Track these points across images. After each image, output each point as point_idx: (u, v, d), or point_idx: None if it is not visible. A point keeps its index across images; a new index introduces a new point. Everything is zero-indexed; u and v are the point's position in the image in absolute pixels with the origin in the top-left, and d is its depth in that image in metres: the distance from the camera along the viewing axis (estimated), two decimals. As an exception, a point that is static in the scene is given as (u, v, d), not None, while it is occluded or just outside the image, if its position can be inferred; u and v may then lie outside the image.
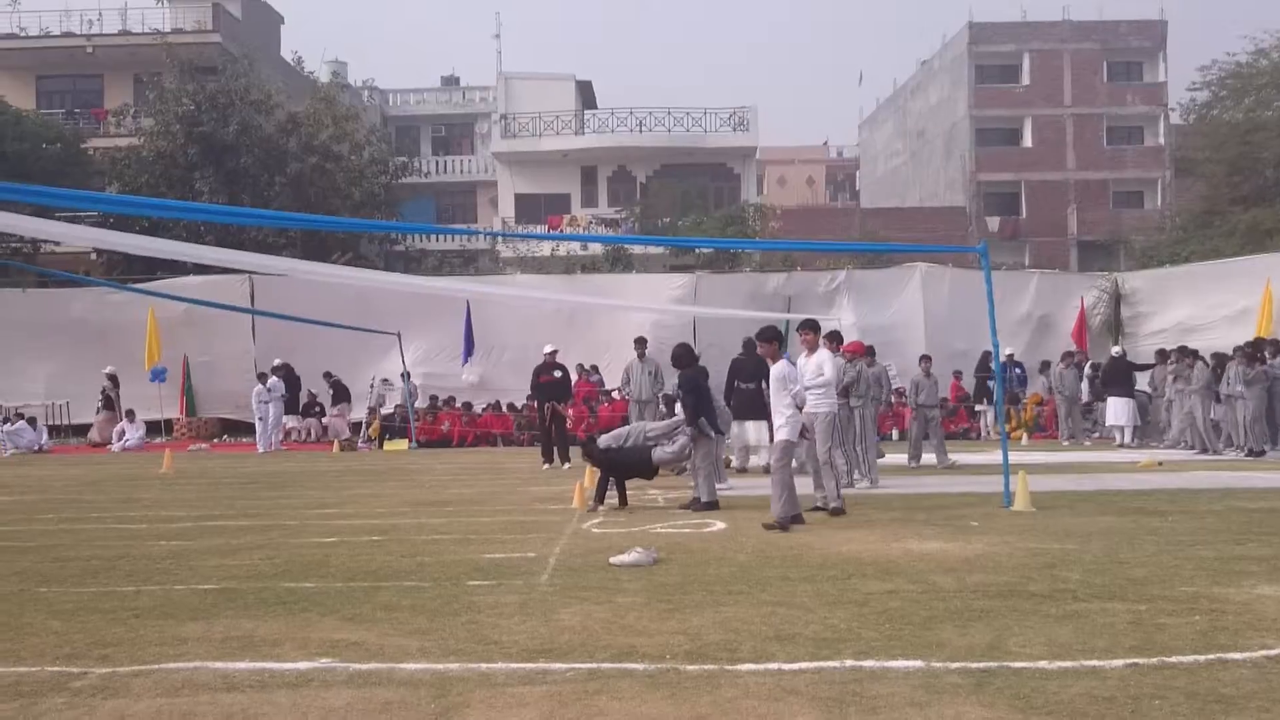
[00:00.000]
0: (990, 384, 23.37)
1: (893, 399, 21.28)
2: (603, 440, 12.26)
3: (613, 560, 8.10)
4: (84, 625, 6.34)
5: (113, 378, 25.75)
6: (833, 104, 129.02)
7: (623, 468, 11.94)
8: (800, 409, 10.34)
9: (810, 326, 11.01)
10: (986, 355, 17.60)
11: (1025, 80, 48.86)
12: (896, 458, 17.17)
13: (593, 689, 4.94)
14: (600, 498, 11.74)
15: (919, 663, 5.27)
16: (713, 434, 11.77)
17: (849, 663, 5.29)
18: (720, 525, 9.75)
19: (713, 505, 11.46)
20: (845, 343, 14.30)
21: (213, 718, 4.63)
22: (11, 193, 15.71)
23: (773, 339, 10.77)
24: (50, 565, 8.51)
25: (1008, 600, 6.64)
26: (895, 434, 23.06)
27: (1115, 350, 22.87)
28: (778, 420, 10.35)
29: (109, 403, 25.83)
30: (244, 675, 5.25)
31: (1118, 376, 21.16)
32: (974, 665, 5.21)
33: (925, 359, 18.28)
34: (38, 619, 6.54)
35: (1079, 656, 5.35)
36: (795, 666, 5.24)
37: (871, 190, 61.88)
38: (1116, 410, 21.03)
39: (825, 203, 66.01)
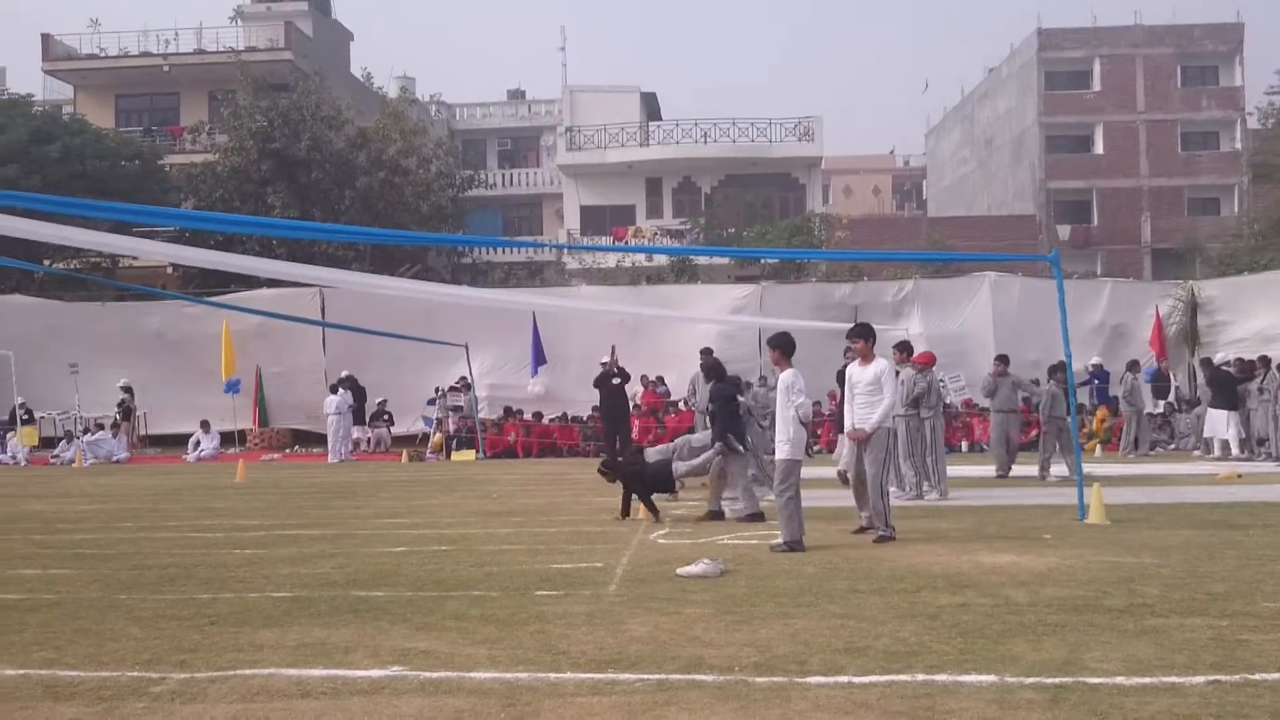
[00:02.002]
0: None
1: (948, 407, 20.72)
2: (650, 454, 12.32)
3: (680, 571, 8.09)
4: (162, 631, 6.47)
5: (128, 389, 26.21)
6: (899, 113, 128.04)
7: (644, 481, 11.88)
8: (805, 425, 9.51)
9: (861, 333, 10.23)
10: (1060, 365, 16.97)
11: (1096, 86, 48.11)
12: (1025, 469, 16.65)
13: (661, 700, 4.93)
14: (625, 511, 11.70)
15: (992, 677, 5.19)
16: (741, 450, 11.73)
17: (920, 677, 5.23)
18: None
19: (758, 516, 11.43)
20: (915, 353, 14.14)
21: (287, 724, 4.70)
22: (93, 209, 16.20)
23: (862, 337, 10.14)
24: (130, 572, 8.70)
25: (1083, 615, 6.52)
26: (965, 445, 22.76)
27: (1219, 358, 21.97)
28: (779, 437, 9.53)
29: (127, 414, 26.26)
30: (317, 682, 5.32)
31: (1220, 388, 20.16)
32: (1049, 680, 5.11)
33: (1058, 370, 17.22)
34: (118, 625, 6.69)
35: (1158, 673, 5.23)
36: (866, 680, 5.19)
37: (939, 199, 61.29)
38: (1217, 422, 20.08)
39: (892, 212, 65.45)
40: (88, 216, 19.84)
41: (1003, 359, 17.02)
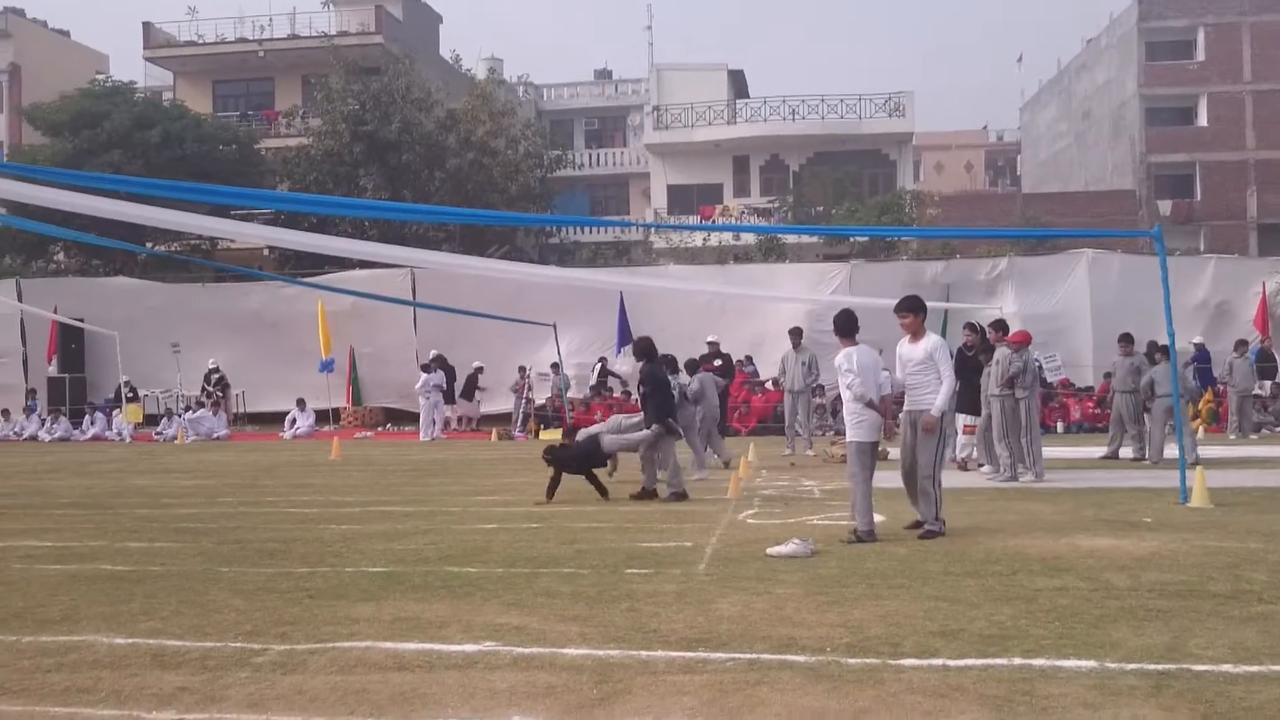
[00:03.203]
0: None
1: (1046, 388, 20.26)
2: (581, 434, 12.72)
3: (770, 551, 8.05)
4: (263, 604, 6.64)
5: (216, 369, 26.84)
6: (992, 87, 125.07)
7: (575, 462, 11.93)
8: (871, 405, 8.83)
9: (909, 307, 9.14)
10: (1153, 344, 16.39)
11: (1200, 56, 46.43)
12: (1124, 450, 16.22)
13: (753, 679, 4.92)
14: (549, 494, 11.68)
15: (1092, 663, 5.08)
16: (679, 433, 11.88)
17: (1017, 661, 5.14)
18: (879, 517, 9.56)
19: (682, 496, 11.67)
20: (1011, 332, 13.86)
21: (384, 696, 4.79)
22: (192, 193, 16.60)
23: (911, 310, 9.17)
24: (230, 547, 8.93)
25: (1186, 600, 6.34)
26: (1060, 426, 22.28)
27: None
28: (846, 420, 9.11)
29: (224, 390, 26.89)
30: (413, 655, 5.41)
31: None
32: (1151, 667, 4.99)
33: (1160, 348, 16.73)
34: (221, 597, 6.87)
35: (1266, 661, 5.07)
36: (961, 663, 5.12)
37: (1033, 175, 59.87)
38: None
39: (985, 188, 64.18)
40: (187, 200, 20.31)
41: (1126, 338, 16.62)
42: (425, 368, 24.65)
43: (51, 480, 15.69)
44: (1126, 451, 16.02)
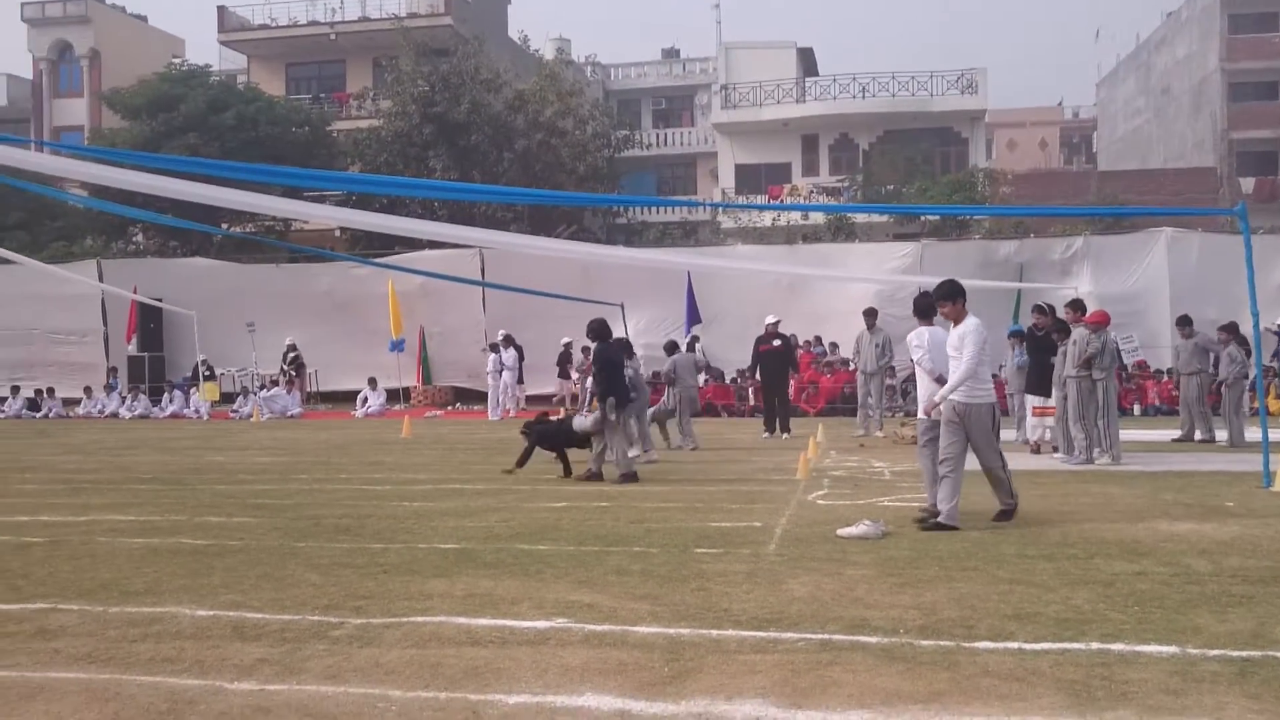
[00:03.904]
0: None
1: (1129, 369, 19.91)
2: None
3: (840, 532, 8.01)
4: (339, 579, 6.75)
5: (294, 347, 27.26)
6: (1068, 63, 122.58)
7: (550, 439, 12.41)
8: (941, 380, 8.64)
9: (945, 294, 8.72)
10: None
11: (1285, 28, 45.06)
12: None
13: (825, 660, 4.90)
14: (521, 463, 12.41)
15: (1173, 648, 4.98)
16: (613, 414, 11.94)
17: (1095, 645, 5.06)
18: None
19: (633, 477, 11.72)
20: (1089, 312, 13.60)
21: (459, 670, 4.84)
22: (267, 174, 16.86)
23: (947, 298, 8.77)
24: (306, 522, 9.09)
25: (1270, 587, 6.19)
26: (1136, 408, 21.84)
27: None
28: (920, 399, 9.14)
29: (299, 369, 27.32)
30: (486, 631, 5.47)
31: None
32: (1235, 654, 4.88)
33: (1225, 329, 16.47)
34: (298, 571, 7.00)
35: (1357, 649, 4.93)
36: (1037, 646, 5.05)
37: (1110, 152, 58.59)
38: None
39: (1059, 166, 62.94)
40: (262, 181, 20.65)
41: (1183, 320, 16.46)
42: (493, 347, 24.80)
43: (132, 456, 16.08)
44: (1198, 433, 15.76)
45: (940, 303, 8.77)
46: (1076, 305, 13.72)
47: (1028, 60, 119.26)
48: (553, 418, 13.24)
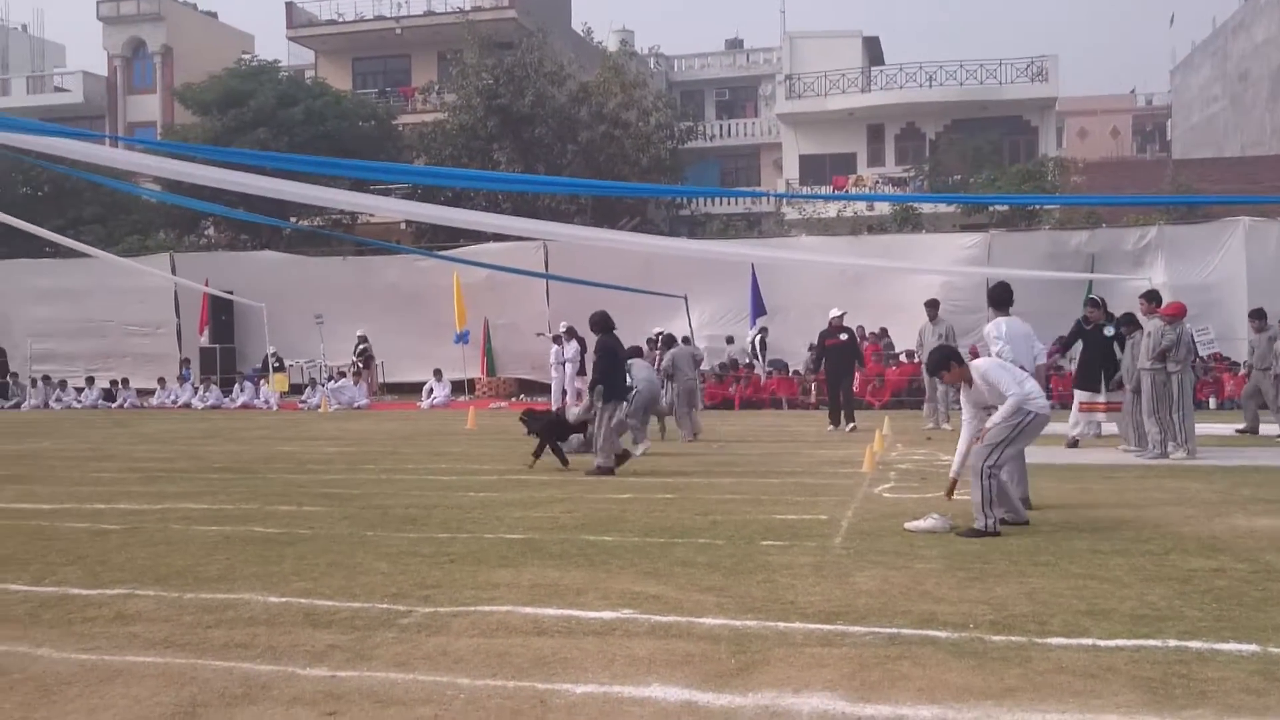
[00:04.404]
0: None
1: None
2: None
3: (908, 526, 7.92)
4: (407, 568, 6.81)
5: (364, 339, 27.55)
6: (1141, 49, 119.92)
7: (549, 430, 12.62)
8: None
9: (934, 367, 8.48)
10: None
11: (1370, 10, 43.71)
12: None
13: (893, 654, 4.85)
14: (537, 455, 12.46)
15: (1254, 646, 4.86)
16: (599, 403, 12.07)
17: (1172, 643, 4.95)
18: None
19: (608, 471, 11.72)
20: (1164, 303, 13.30)
21: (526, 659, 4.86)
22: (334, 168, 17.07)
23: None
24: (374, 512, 9.19)
25: (1357, 585, 6.02)
26: (1212, 401, 21.36)
27: None
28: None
29: (367, 362, 27.62)
30: (552, 621, 5.49)
31: None
32: (1320, 654, 4.75)
33: (1255, 316, 16.36)
34: (367, 560, 7.08)
35: None
36: (1112, 643, 4.95)
37: (1185, 140, 57.26)
38: None
39: (1132, 155, 61.65)
40: (329, 175, 20.89)
41: (1257, 314, 16.12)
42: (556, 339, 24.87)
43: (205, 446, 16.39)
44: (1271, 428, 15.34)
45: (940, 375, 8.44)
46: (1152, 296, 13.42)
47: (1100, 47, 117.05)
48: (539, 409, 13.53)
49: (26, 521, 8.96)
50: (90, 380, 28.88)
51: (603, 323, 12.81)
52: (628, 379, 13.62)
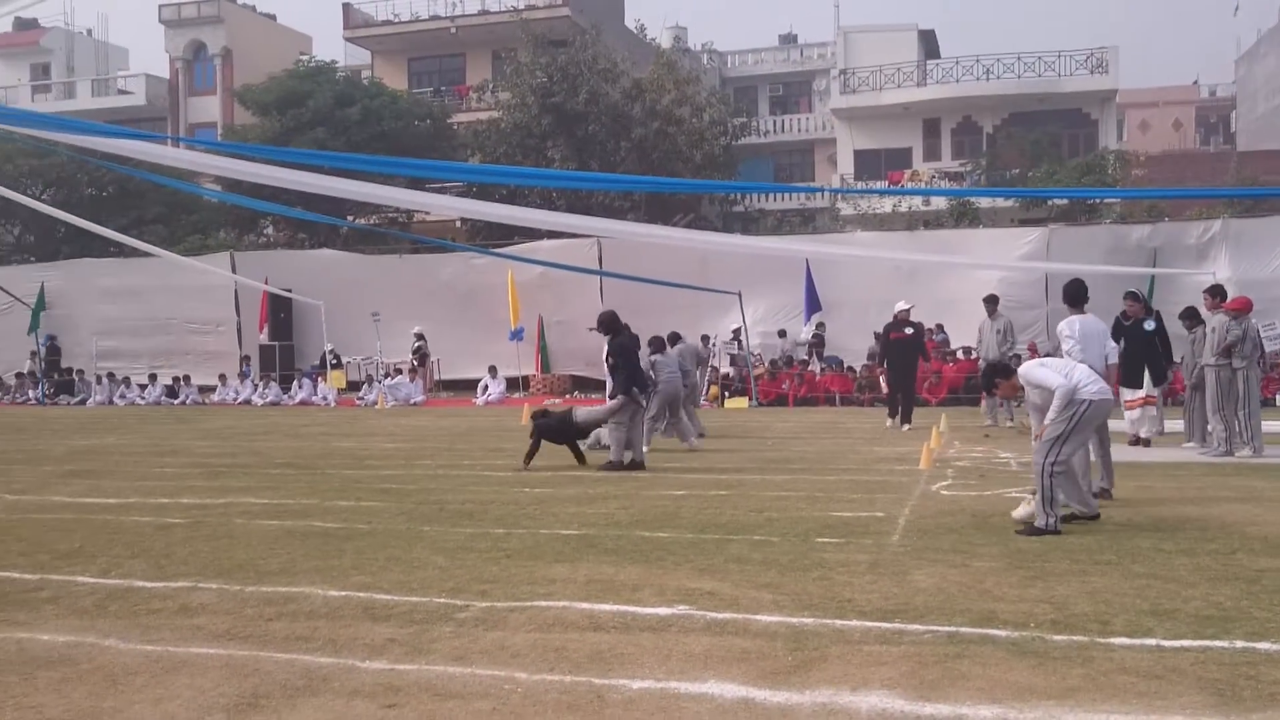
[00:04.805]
0: None
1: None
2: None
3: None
4: (464, 562, 6.86)
5: (421, 336, 27.73)
6: (1204, 39, 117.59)
7: (554, 432, 12.44)
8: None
9: (1072, 295, 9.13)
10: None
11: None
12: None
13: (953, 653, 4.80)
14: (528, 459, 12.13)
15: (1325, 649, 4.75)
16: (643, 402, 12.22)
17: (1240, 644, 4.86)
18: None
19: (618, 465, 11.82)
20: (1229, 298, 13.05)
21: (583, 655, 4.88)
22: (390, 166, 17.25)
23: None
24: (430, 507, 9.27)
25: None
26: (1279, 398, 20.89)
27: None
28: None
29: (422, 359, 27.82)
30: (608, 617, 5.50)
31: None
32: (1394, 656, 4.63)
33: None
34: (424, 555, 7.14)
35: None
36: (1177, 644, 4.87)
37: (1250, 132, 56.05)
38: None
39: (1195, 147, 60.49)
40: (386, 174, 21.11)
41: None
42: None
43: (265, 442, 16.62)
44: None
45: (993, 392, 8.53)
46: (1216, 291, 13.16)
47: (1162, 37, 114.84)
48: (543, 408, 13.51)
49: (94, 515, 9.14)
50: (153, 377, 29.38)
51: (612, 323, 12.85)
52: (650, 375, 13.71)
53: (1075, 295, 9.14)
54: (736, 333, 25.05)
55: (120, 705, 4.35)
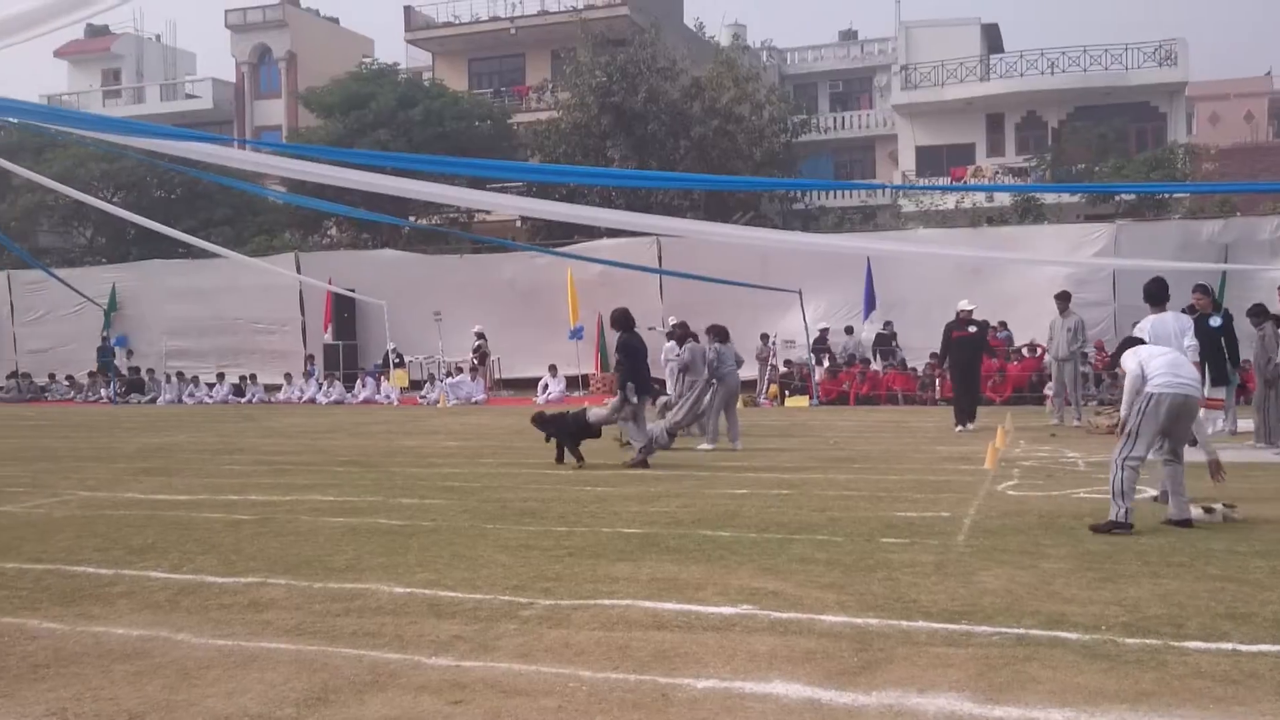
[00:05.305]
0: None
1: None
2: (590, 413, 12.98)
3: (1193, 514, 7.75)
4: (527, 560, 6.90)
5: (481, 335, 27.87)
6: (1277, 28, 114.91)
7: (566, 431, 12.47)
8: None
9: (1153, 294, 9.44)
10: None
11: None
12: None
13: (1021, 655, 4.73)
14: (559, 458, 12.33)
15: None
16: (634, 399, 12.22)
17: (1320, 649, 4.73)
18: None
19: (649, 450, 12.08)
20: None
21: (646, 653, 4.88)
22: (452, 166, 17.39)
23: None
24: (493, 505, 9.33)
25: None
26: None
27: None
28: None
29: (483, 358, 27.97)
30: (672, 615, 5.50)
31: None
32: None
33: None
34: (488, 552, 7.19)
35: None
36: (1254, 648, 4.76)
37: (1325, 123, 54.70)
38: None
39: (1268, 140, 59.07)
40: (448, 174, 21.29)
41: None
42: (669, 335, 24.86)
43: (330, 440, 16.84)
44: None
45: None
46: (1290, 287, 12.87)
47: (1233, 27, 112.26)
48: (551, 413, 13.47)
49: (165, 512, 9.32)
50: (220, 376, 29.92)
51: (623, 320, 12.94)
52: (706, 370, 13.95)
53: (1155, 294, 9.01)
54: (824, 331, 25.02)
55: (193, 698, 4.43)
